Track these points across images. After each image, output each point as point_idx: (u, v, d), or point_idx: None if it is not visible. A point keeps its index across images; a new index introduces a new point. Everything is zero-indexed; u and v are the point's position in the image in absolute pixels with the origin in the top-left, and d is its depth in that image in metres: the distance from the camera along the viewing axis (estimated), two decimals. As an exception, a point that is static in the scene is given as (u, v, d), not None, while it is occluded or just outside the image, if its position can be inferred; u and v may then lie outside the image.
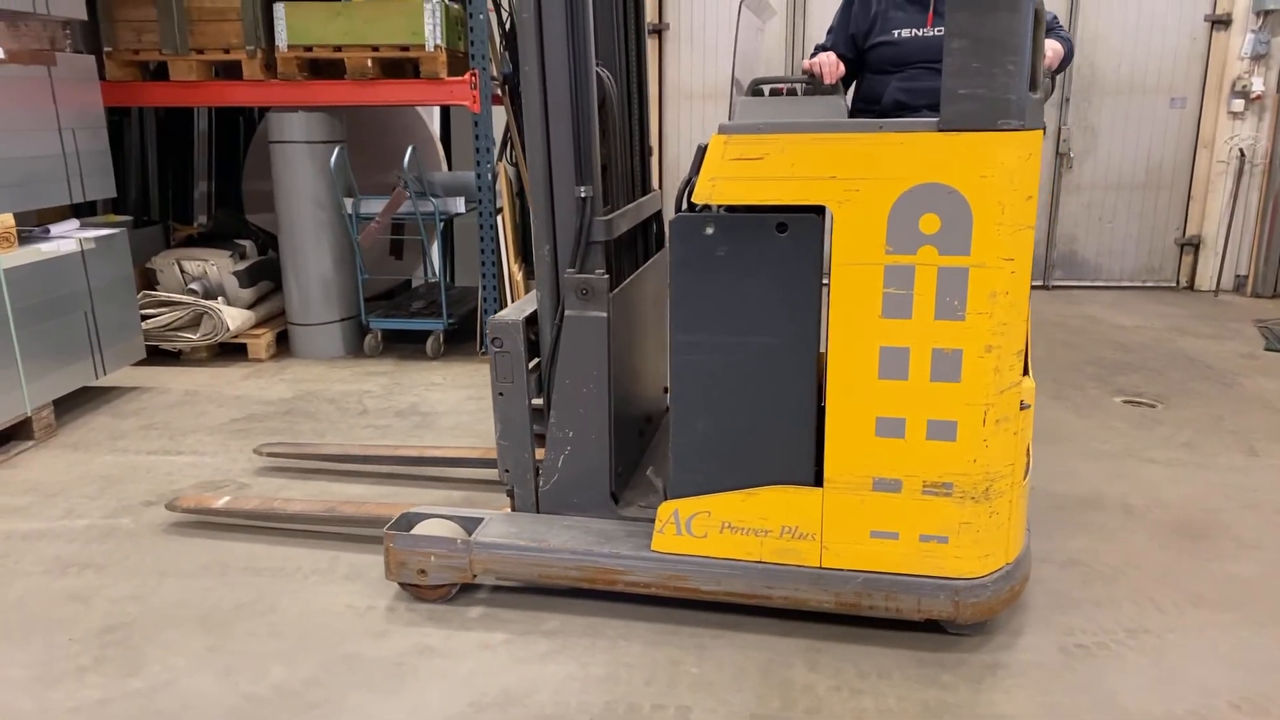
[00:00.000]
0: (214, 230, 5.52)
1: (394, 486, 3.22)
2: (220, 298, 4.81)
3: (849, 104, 3.04)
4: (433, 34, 4.40)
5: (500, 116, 4.90)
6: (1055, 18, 2.85)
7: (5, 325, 3.43)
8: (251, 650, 2.27)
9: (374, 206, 4.68)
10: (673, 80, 6.56)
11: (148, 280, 4.83)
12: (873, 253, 2.05)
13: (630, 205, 2.67)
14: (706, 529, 2.29)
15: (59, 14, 3.81)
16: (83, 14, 4.00)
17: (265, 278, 5.04)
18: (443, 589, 2.47)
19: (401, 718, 2.03)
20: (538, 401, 2.54)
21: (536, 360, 2.53)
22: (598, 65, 2.47)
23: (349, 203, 4.69)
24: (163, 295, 4.69)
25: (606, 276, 2.39)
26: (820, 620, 2.34)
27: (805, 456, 2.21)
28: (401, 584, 2.50)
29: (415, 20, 4.40)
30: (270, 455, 3.38)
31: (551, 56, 2.31)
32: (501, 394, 2.50)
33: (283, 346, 4.96)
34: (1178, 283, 6.62)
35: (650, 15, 6.36)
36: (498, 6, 4.83)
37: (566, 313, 2.42)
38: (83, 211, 4.57)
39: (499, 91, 4.77)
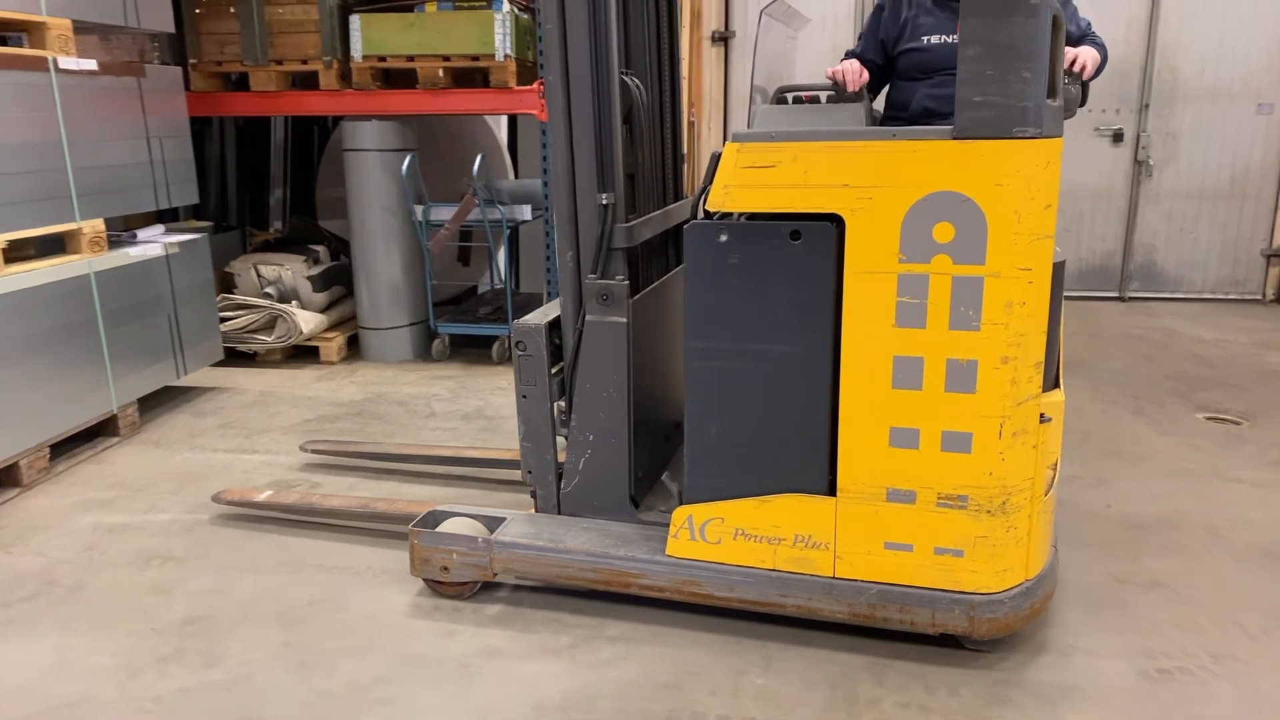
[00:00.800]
0: (289, 236, 5.68)
1: (456, 488, 3.27)
2: (294, 301, 4.94)
3: (880, 111, 2.99)
4: (503, 44, 4.46)
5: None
6: (1089, 24, 2.76)
7: (95, 326, 3.58)
8: (324, 646, 2.32)
9: (443, 214, 4.76)
10: (739, 87, 6.55)
11: (226, 284, 4.99)
12: (886, 261, 2.04)
13: (657, 212, 2.68)
14: (720, 535, 2.30)
15: (148, 27, 3.97)
16: (170, 27, 4.16)
17: (337, 282, 5.16)
18: (464, 586, 2.52)
19: (466, 718, 2.05)
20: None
21: (561, 364, 2.56)
22: (628, 74, 2.52)
23: (419, 210, 4.78)
24: (240, 298, 4.84)
25: (627, 282, 2.42)
26: (888, 637, 2.30)
27: (819, 465, 2.20)
28: (425, 580, 2.55)
29: (486, 30, 4.47)
30: (315, 452, 3.47)
31: (575, 66, 2.34)
32: (525, 396, 2.54)
33: (353, 349, 5.07)
34: (1264, 296, 6.37)
35: (717, 23, 6.37)
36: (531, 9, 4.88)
37: (587, 318, 2.45)
38: (166, 217, 4.74)
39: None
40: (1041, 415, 2.12)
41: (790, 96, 2.36)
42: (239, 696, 2.13)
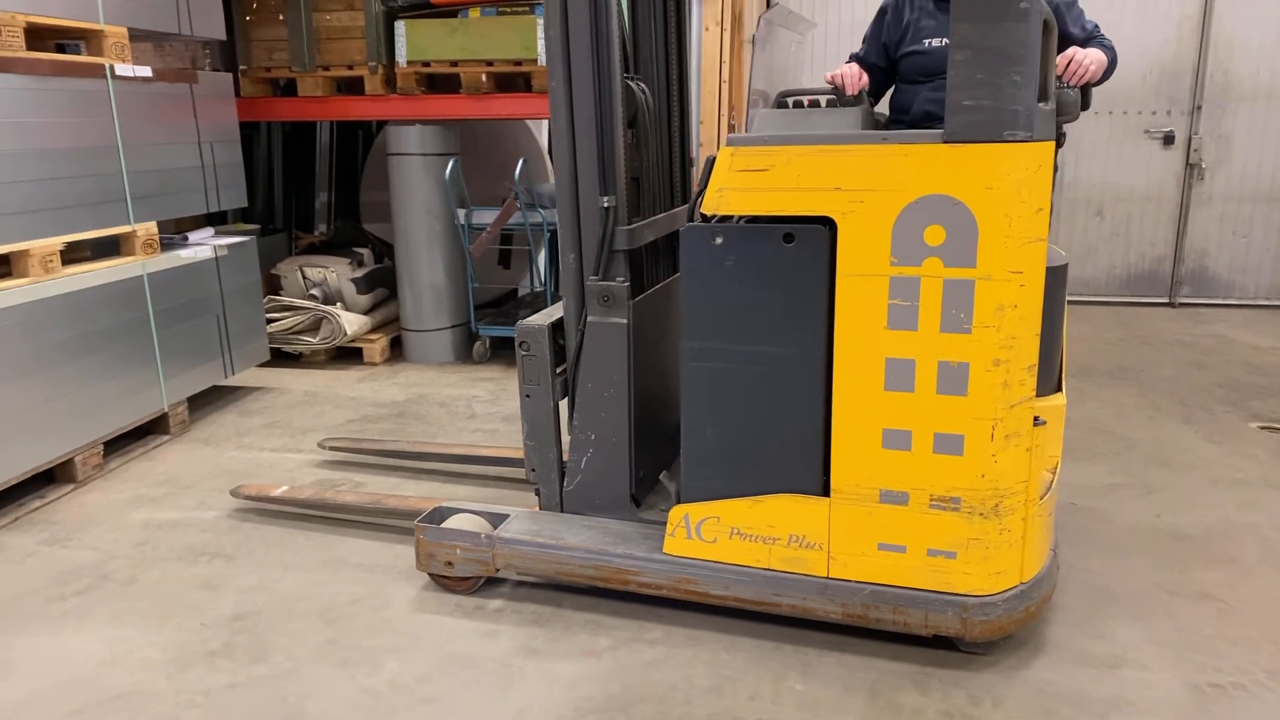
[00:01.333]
0: (334, 239, 5.77)
1: (492, 488, 3.29)
2: (339, 303, 5.02)
3: (885, 115, 2.96)
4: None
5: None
6: (1096, 26, 2.68)
7: (147, 326, 3.66)
8: (368, 644, 2.35)
9: (485, 217, 4.80)
10: (779, 91, 6.52)
11: (272, 286, 5.08)
12: (878, 264, 2.05)
13: (662, 215, 2.70)
14: (716, 534, 2.32)
15: (201, 35, 4.06)
16: (222, 34, 4.25)
17: (381, 285, 5.23)
18: (468, 581, 2.57)
19: (508, 718, 2.07)
20: None
21: (565, 365, 2.60)
22: (635, 79, 2.57)
23: (461, 213, 4.82)
24: (286, 300, 4.93)
25: (628, 284, 2.46)
26: (930, 645, 2.28)
27: (813, 466, 2.22)
28: (430, 574, 2.60)
29: (528, 36, 4.51)
30: (333, 449, 3.55)
31: (577, 71, 2.37)
32: (529, 396, 2.59)
33: (396, 351, 5.13)
34: (1320, 302, 6.20)
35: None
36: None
37: (589, 319, 2.49)
38: (214, 220, 4.85)
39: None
40: (1035, 418, 2.12)
41: (791, 101, 2.39)
42: (285, 692, 2.17)
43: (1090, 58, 2.53)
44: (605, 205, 2.41)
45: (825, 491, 2.22)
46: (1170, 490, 3.23)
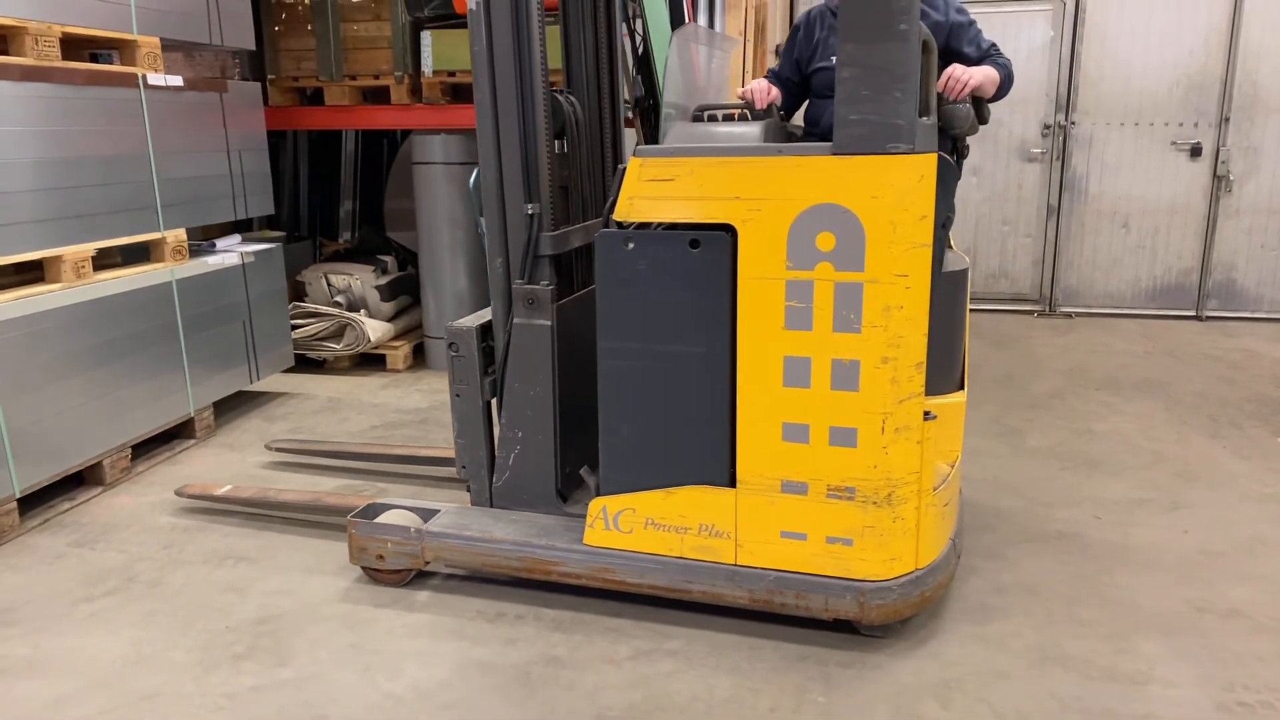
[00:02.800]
0: (358, 246, 5.82)
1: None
2: (362, 310, 5.06)
3: (801, 128, 3.08)
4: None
5: (632, 139, 4.98)
6: (994, 45, 2.77)
7: (175, 332, 3.71)
8: (390, 649, 2.36)
9: (508, 225, 4.82)
10: (802, 101, 6.53)
11: (297, 292, 5.13)
12: (775, 268, 2.17)
13: (593, 221, 2.78)
14: (632, 525, 2.43)
15: (231, 45, 4.12)
16: (251, 44, 4.31)
17: (404, 292, 5.27)
18: (399, 574, 2.66)
19: (530, 725, 2.07)
20: None
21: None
22: (564, 92, 2.74)
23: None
24: (310, 307, 4.97)
25: (552, 287, 2.57)
26: (954, 660, 2.26)
27: (720, 458, 2.33)
28: (363, 568, 2.69)
29: (552, 46, 4.52)
30: (279, 450, 3.64)
31: (501, 85, 2.49)
32: (458, 395, 2.70)
33: (419, 358, 5.17)
34: (1351, 316, 6.11)
35: (780, 37, 6.36)
36: (632, 33, 4.92)
37: (515, 320, 2.60)
38: (240, 227, 4.90)
39: (629, 115, 4.86)
40: (926, 413, 2.23)
41: (707, 114, 2.51)
42: (308, 696, 2.18)
43: (969, 72, 2.59)
44: (530, 212, 2.53)
45: (732, 482, 2.33)
46: (1198, 506, 3.19)
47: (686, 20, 5.06)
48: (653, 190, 2.24)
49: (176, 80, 3.72)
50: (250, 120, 4.25)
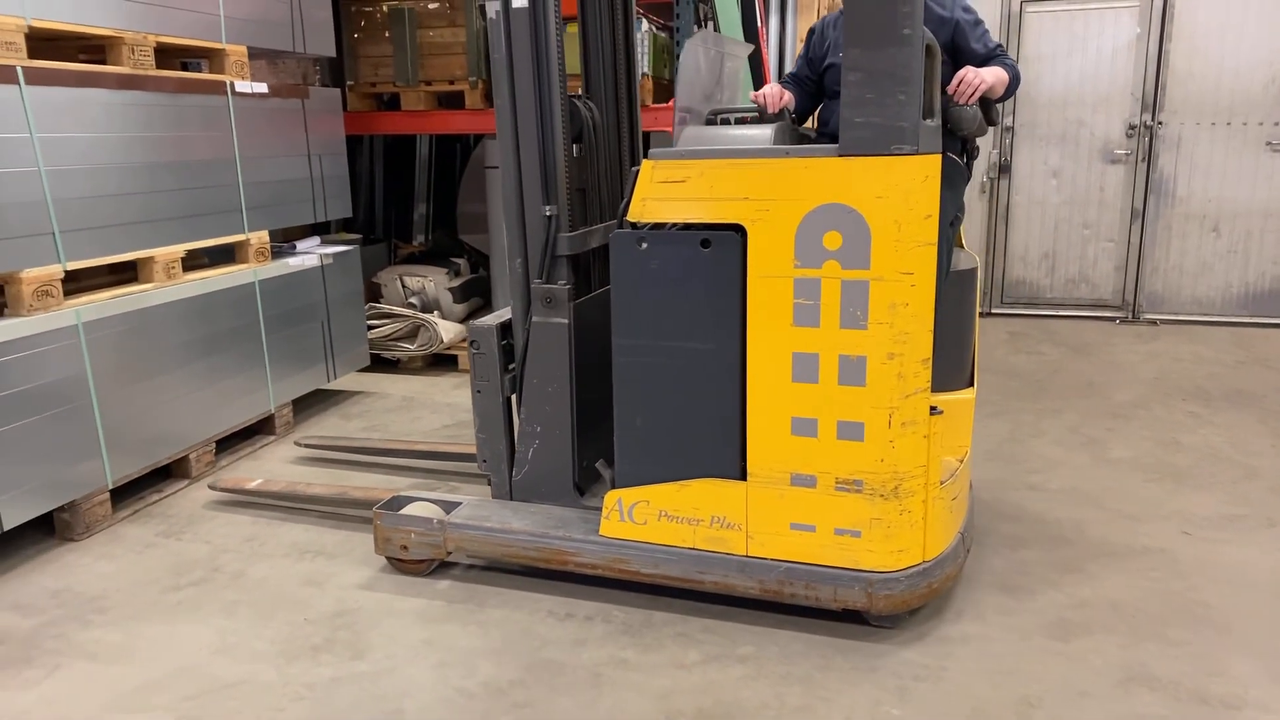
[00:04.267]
0: (432, 249, 5.93)
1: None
2: (436, 312, 5.15)
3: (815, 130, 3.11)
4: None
5: (652, 141, 4.97)
6: (1000, 46, 2.77)
7: (257, 331, 3.83)
8: (462, 646, 2.40)
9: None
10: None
11: (372, 294, 5.24)
12: (783, 266, 2.24)
13: (610, 222, 2.78)
14: (646, 517, 2.50)
15: (313, 52, 4.23)
16: (332, 51, 4.42)
17: (476, 294, 5.35)
18: (422, 563, 2.74)
19: (600, 727, 2.08)
20: None
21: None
22: (582, 97, 2.83)
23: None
24: (386, 308, 5.08)
25: (569, 286, 2.65)
26: (1033, 676, 2.20)
27: (731, 452, 2.40)
28: (388, 558, 2.77)
29: (572, 52, 4.53)
30: (307, 447, 3.75)
31: (521, 91, 2.59)
32: (479, 391, 2.80)
33: (488, 359, 5.22)
34: None
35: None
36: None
37: (534, 319, 2.68)
38: (319, 229, 5.03)
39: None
40: (932, 408, 2.28)
41: (720, 118, 2.57)
42: (384, 689, 2.23)
43: (980, 75, 2.58)
44: (547, 214, 2.61)
45: (743, 475, 2.39)
46: (1296, 522, 3.05)
47: (758, 21, 5.04)
48: (665, 191, 2.32)
49: (262, 87, 3.84)
50: (330, 125, 4.36)
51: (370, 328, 4.88)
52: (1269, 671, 2.23)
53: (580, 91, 2.89)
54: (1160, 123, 5.96)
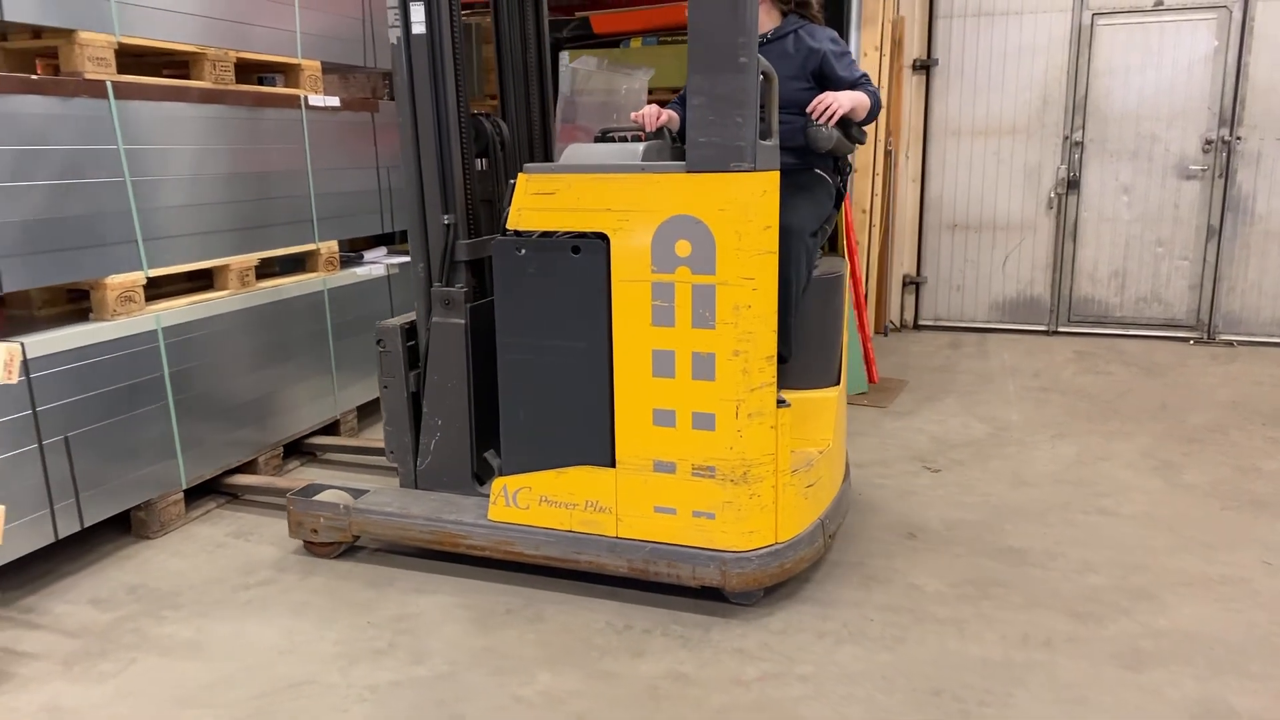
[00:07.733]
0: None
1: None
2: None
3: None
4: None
5: None
6: (865, 75, 2.95)
7: (325, 338, 3.92)
8: (520, 654, 2.41)
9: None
10: (939, 116, 6.34)
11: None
12: (641, 271, 2.46)
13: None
14: (529, 502, 2.69)
15: (383, 67, 4.34)
16: (402, 66, 4.51)
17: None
18: (330, 546, 2.96)
19: (658, 741, 2.07)
20: None
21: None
22: (490, 116, 3.07)
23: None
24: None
25: (466, 290, 2.85)
26: (1106, 707, 2.13)
27: (602, 441, 2.60)
28: (302, 541, 2.99)
29: (682, 64, 4.57)
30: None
31: (421, 110, 2.79)
32: (386, 387, 3.00)
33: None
34: None
35: (918, 51, 6.21)
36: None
37: (434, 320, 2.88)
38: (384, 239, 5.12)
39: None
40: (780, 400, 2.50)
41: (606, 136, 2.74)
42: (443, 694, 2.25)
43: (838, 99, 2.78)
44: (446, 223, 2.83)
45: (613, 463, 2.59)
46: (1385, 555, 2.91)
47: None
48: (538, 203, 2.54)
49: (334, 101, 3.94)
50: (398, 139, 4.44)
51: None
52: (1358, 711, 2.13)
53: (495, 110, 3.16)
54: (1239, 138, 5.77)
